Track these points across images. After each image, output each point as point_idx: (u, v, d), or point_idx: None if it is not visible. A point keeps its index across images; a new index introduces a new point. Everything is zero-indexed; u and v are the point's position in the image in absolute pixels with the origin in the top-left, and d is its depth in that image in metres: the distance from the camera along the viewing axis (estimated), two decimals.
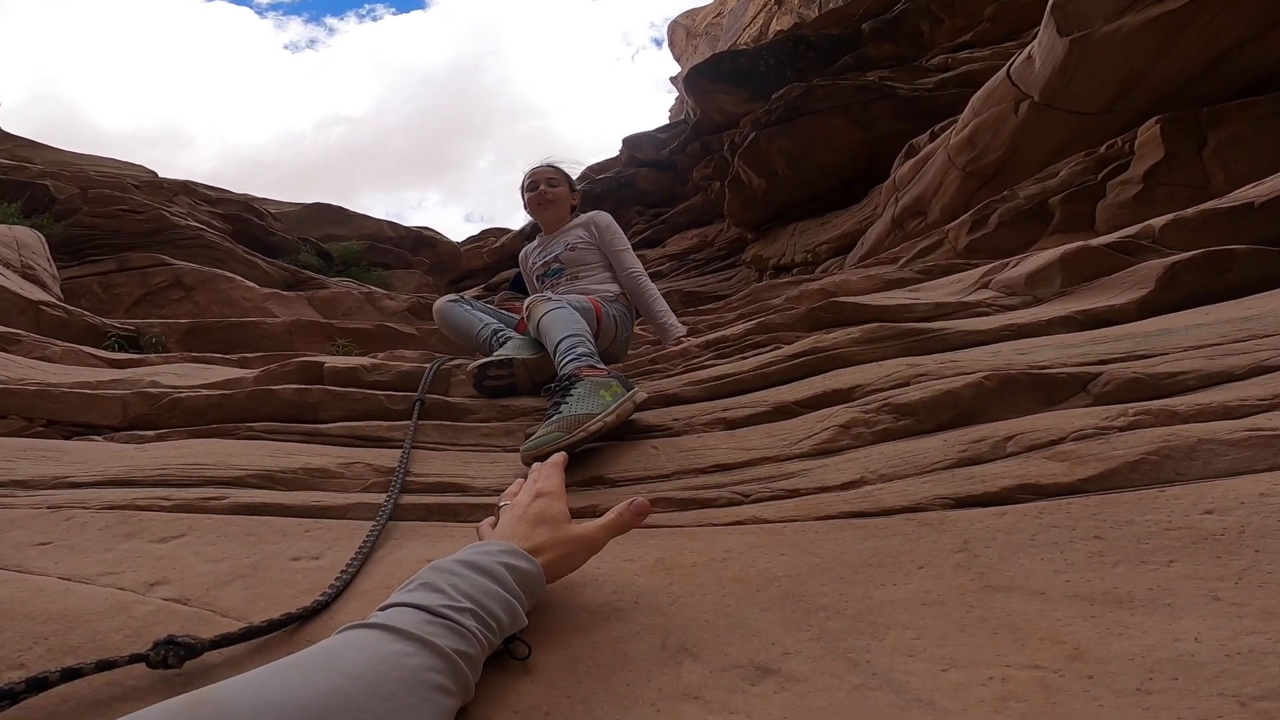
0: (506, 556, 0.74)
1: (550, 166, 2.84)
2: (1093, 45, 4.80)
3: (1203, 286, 1.76)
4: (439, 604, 0.64)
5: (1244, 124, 4.26)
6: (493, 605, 0.67)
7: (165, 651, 0.67)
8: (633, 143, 17.78)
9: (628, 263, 2.73)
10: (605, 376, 1.58)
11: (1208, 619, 0.61)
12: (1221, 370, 1.17)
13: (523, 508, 0.88)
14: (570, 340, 1.86)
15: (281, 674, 0.53)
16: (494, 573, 0.71)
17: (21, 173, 9.12)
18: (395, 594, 0.67)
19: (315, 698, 0.50)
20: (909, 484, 1.03)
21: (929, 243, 5.60)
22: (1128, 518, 0.80)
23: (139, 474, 1.37)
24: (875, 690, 0.61)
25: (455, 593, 0.66)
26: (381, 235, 13.82)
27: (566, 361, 1.76)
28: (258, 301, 7.78)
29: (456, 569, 0.70)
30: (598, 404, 1.46)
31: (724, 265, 12.92)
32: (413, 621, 0.61)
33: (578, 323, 1.97)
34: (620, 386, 1.55)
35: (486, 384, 2.04)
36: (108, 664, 0.65)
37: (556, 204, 2.81)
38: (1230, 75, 4.58)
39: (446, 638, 0.61)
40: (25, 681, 0.60)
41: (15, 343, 3.64)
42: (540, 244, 2.90)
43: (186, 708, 0.48)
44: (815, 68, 12.30)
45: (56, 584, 0.89)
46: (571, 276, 2.70)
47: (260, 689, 0.51)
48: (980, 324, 1.86)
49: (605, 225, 2.78)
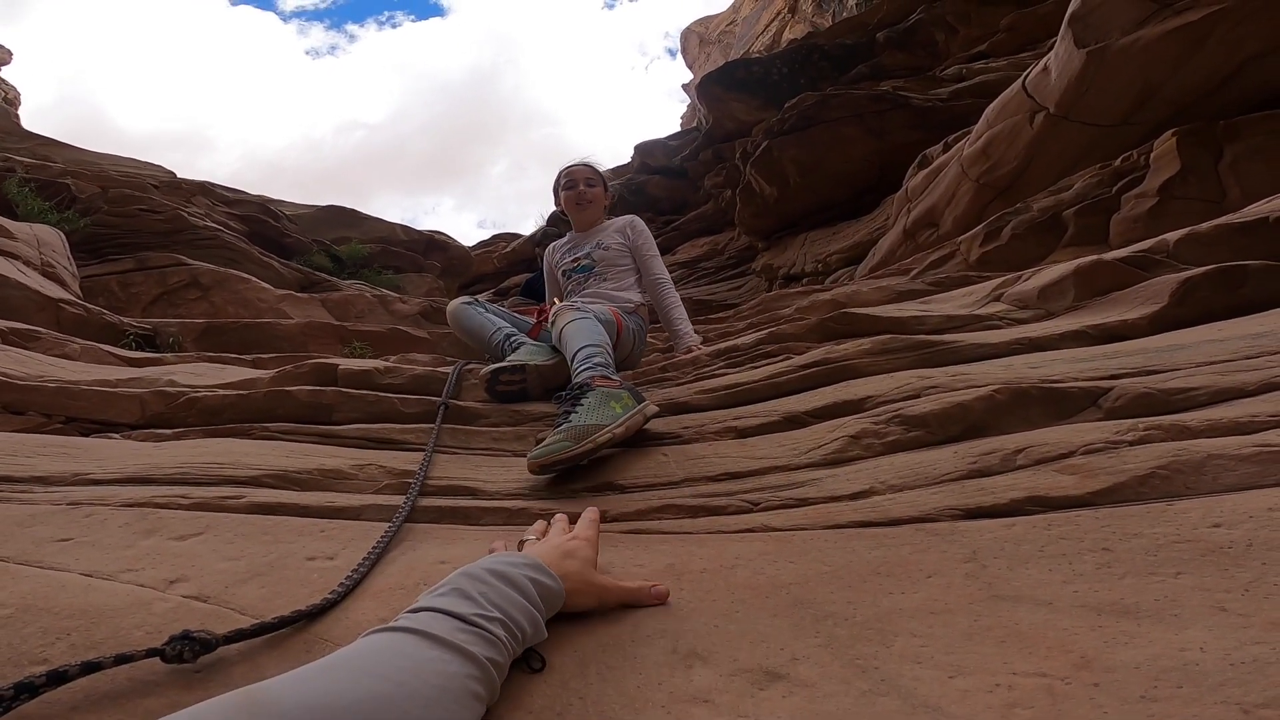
0: (532, 571, 0.76)
1: (588, 166, 2.88)
2: (1110, 57, 4.78)
3: (1216, 302, 1.75)
4: (471, 612, 0.66)
5: (1261, 137, 4.21)
6: (519, 616, 0.69)
7: (180, 646, 0.68)
8: (644, 149, 17.83)
9: (656, 269, 2.79)
10: (617, 387, 1.59)
11: (1213, 629, 0.62)
12: (1233, 386, 1.17)
13: (558, 538, 0.92)
14: (588, 350, 1.88)
15: (327, 675, 0.55)
16: (521, 586, 0.73)
17: (43, 171, 9.24)
18: (425, 598, 0.69)
19: (362, 700, 0.52)
20: (919, 495, 1.04)
21: (941, 254, 5.58)
22: (1136, 530, 0.80)
23: (158, 472, 1.40)
24: (883, 696, 0.62)
25: (486, 602, 0.68)
26: (394, 239, 13.90)
27: (582, 370, 1.79)
28: (272, 303, 7.84)
29: (487, 579, 0.72)
30: (608, 415, 1.46)
31: (734, 274, 12.91)
32: (447, 629, 0.63)
33: (599, 334, 2.01)
34: (631, 399, 1.56)
35: (498, 389, 2.06)
36: (125, 658, 0.66)
37: (594, 204, 2.85)
38: (1249, 87, 4.53)
39: (479, 645, 0.62)
40: (45, 675, 0.61)
41: (35, 339, 3.69)
42: (571, 241, 2.93)
43: (244, 705, 0.49)
44: (828, 77, 12.30)
45: (78, 580, 0.91)
46: (599, 277, 2.74)
47: (310, 689, 0.52)
48: (992, 337, 1.87)
49: (641, 230, 2.83)
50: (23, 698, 0.59)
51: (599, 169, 2.93)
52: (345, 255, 12.14)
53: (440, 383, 2.19)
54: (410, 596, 0.90)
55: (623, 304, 2.63)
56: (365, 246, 12.69)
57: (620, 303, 2.63)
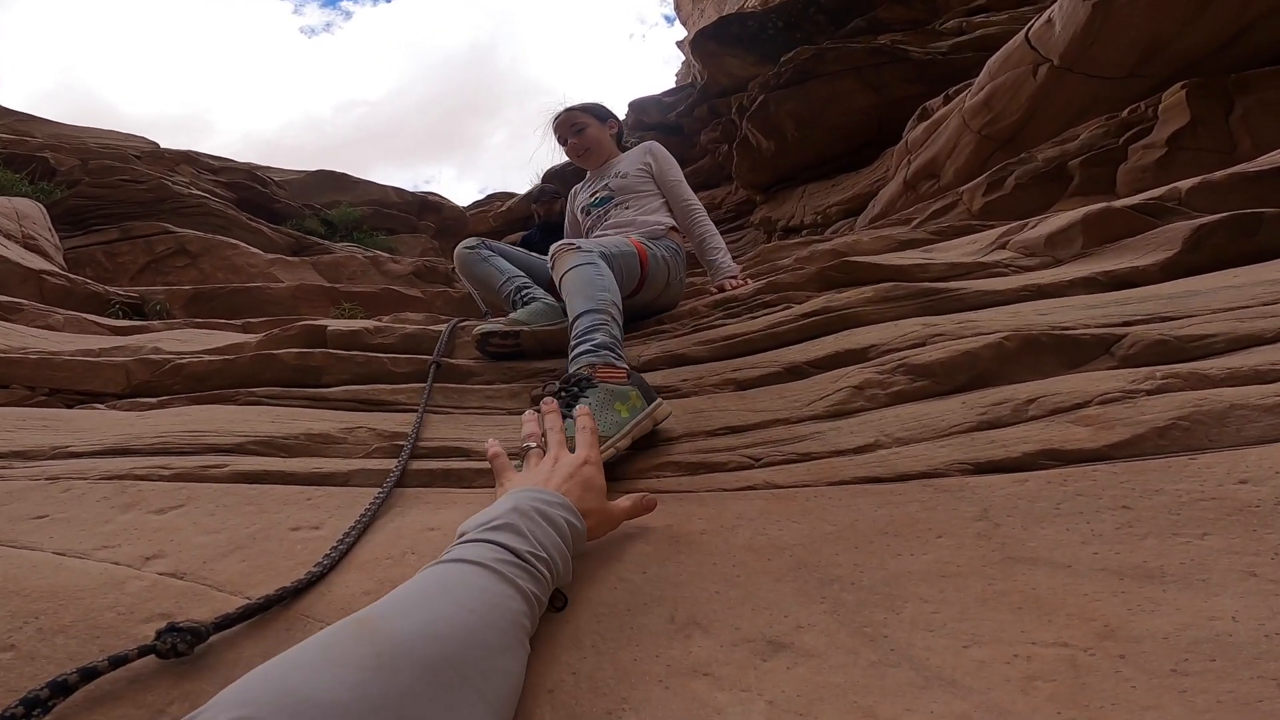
0: (567, 513, 0.78)
1: (568, 111, 2.65)
2: (1116, 10, 4.63)
3: (1230, 249, 1.70)
4: (525, 549, 0.67)
5: (1272, 90, 4.13)
6: (556, 557, 0.71)
7: (173, 639, 0.65)
8: (639, 106, 17.46)
9: (685, 194, 2.56)
10: (624, 381, 1.28)
11: (1245, 596, 0.57)
12: (1252, 333, 1.12)
13: (572, 467, 0.91)
14: (591, 319, 1.54)
15: (428, 605, 0.57)
16: (559, 527, 0.75)
17: (21, 146, 9.05)
18: (478, 529, 0.70)
19: (456, 630, 0.55)
20: (926, 448, 1.00)
21: (943, 204, 5.49)
22: (1157, 486, 0.76)
23: (139, 442, 1.35)
24: (893, 667, 0.58)
25: (534, 541, 0.70)
26: (386, 200, 13.70)
27: (580, 352, 1.44)
28: (262, 267, 7.73)
29: (535, 517, 0.73)
30: (610, 421, 1.17)
31: (732, 227, 12.77)
32: (507, 567, 0.64)
33: (604, 290, 1.64)
34: (640, 397, 1.26)
35: (489, 349, 1.96)
36: (120, 659, 0.64)
37: (595, 148, 2.65)
38: (1259, 44, 4.42)
39: (531, 583, 0.65)
40: (48, 686, 0.59)
41: (17, 311, 3.63)
42: (588, 179, 2.73)
43: (366, 636, 0.52)
44: (825, 31, 11.98)
45: (50, 559, 0.87)
46: (621, 205, 2.51)
47: (417, 619, 0.55)
48: (998, 284, 1.81)
49: (663, 155, 2.61)
50: (35, 714, 0.57)
51: (585, 105, 2.68)
52: (336, 219, 11.99)
53: (432, 341, 2.13)
54: (397, 566, 0.87)
55: (650, 230, 2.35)
56: (356, 209, 12.52)
57: (647, 229, 2.35)
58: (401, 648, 0.51)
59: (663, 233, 2.38)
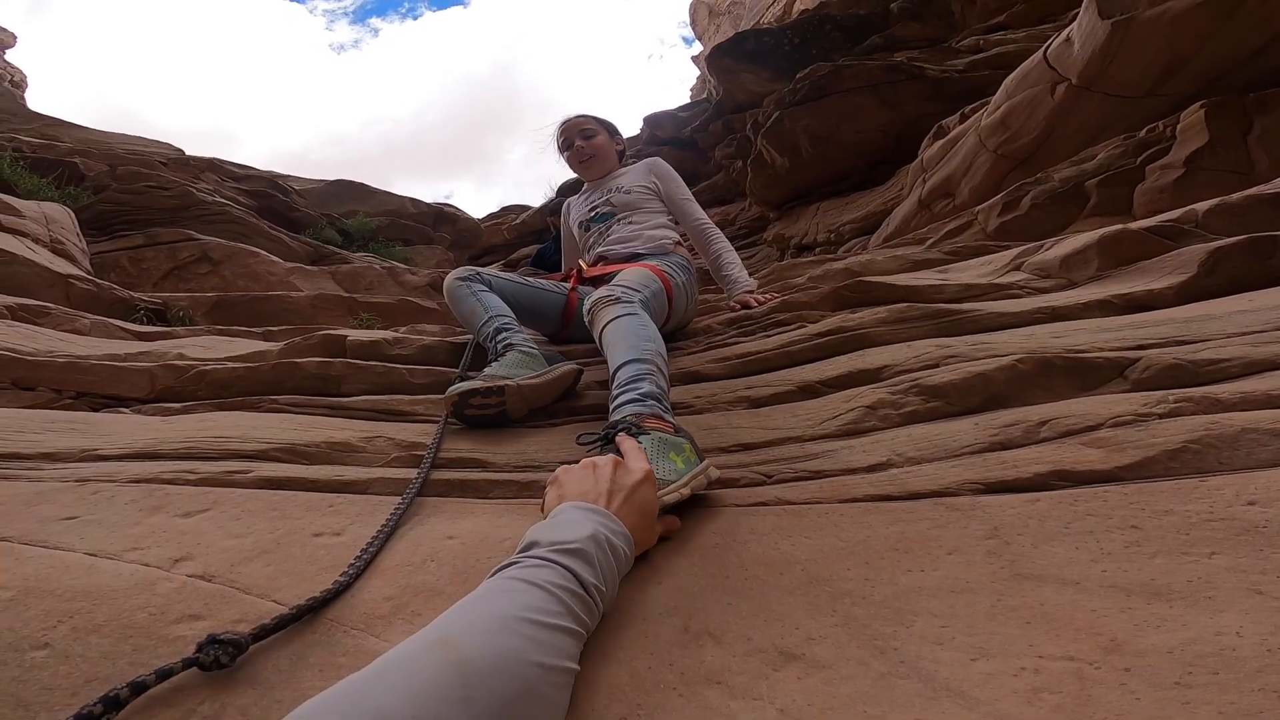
0: (626, 545, 0.79)
1: (581, 116, 2.60)
2: (1136, 28, 4.64)
3: (1247, 272, 1.70)
4: (592, 583, 0.69)
5: None
6: (611, 590, 0.73)
7: (215, 652, 0.67)
8: (653, 121, 17.58)
9: (696, 213, 2.53)
10: (674, 434, 1.19)
11: (1250, 613, 0.59)
12: (1266, 358, 1.13)
13: (632, 485, 0.90)
14: (635, 369, 1.43)
15: (498, 629, 0.58)
16: (619, 557, 0.76)
17: (50, 150, 9.24)
18: (553, 547, 0.71)
19: (523, 647, 0.57)
20: (938, 468, 1.01)
21: (958, 224, 5.48)
22: (1167, 507, 0.77)
23: (165, 447, 1.38)
24: (902, 679, 0.60)
25: (600, 573, 0.71)
26: (403, 211, 13.84)
27: (625, 400, 1.35)
28: (282, 276, 7.83)
29: (605, 547, 0.74)
30: (669, 469, 1.07)
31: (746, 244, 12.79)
32: (574, 600, 0.65)
33: (649, 340, 1.54)
34: (693, 451, 1.16)
35: (466, 414, 1.57)
36: (166, 673, 0.66)
37: (599, 156, 2.59)
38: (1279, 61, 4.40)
39: (587, 616, 0.66)
40: (101, 702, 0.61)
41: (45, 315, 3.70)
42: (585, 191, 2.66)
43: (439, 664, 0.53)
44: (841, 48, 12.04)
45: (82, 560, 0.90)
46: (624, 220, 2.46)
47: (492, 645, 0.56)
48: (1013, 306, 1.82)
49: (667, 172, 2.57)
50: None
51: (598, 117, 2.63)
52: (353, 229, 12.12)
53: (449, 353, 2.16)
54: (418, 573, 0.89)
55: (658, 245, 2.30)
56: (373, 220, 12.65)
57: (654, 243, 2.31)
58: (484, 682, 0.53)
59: (670, 247, 2.36)
